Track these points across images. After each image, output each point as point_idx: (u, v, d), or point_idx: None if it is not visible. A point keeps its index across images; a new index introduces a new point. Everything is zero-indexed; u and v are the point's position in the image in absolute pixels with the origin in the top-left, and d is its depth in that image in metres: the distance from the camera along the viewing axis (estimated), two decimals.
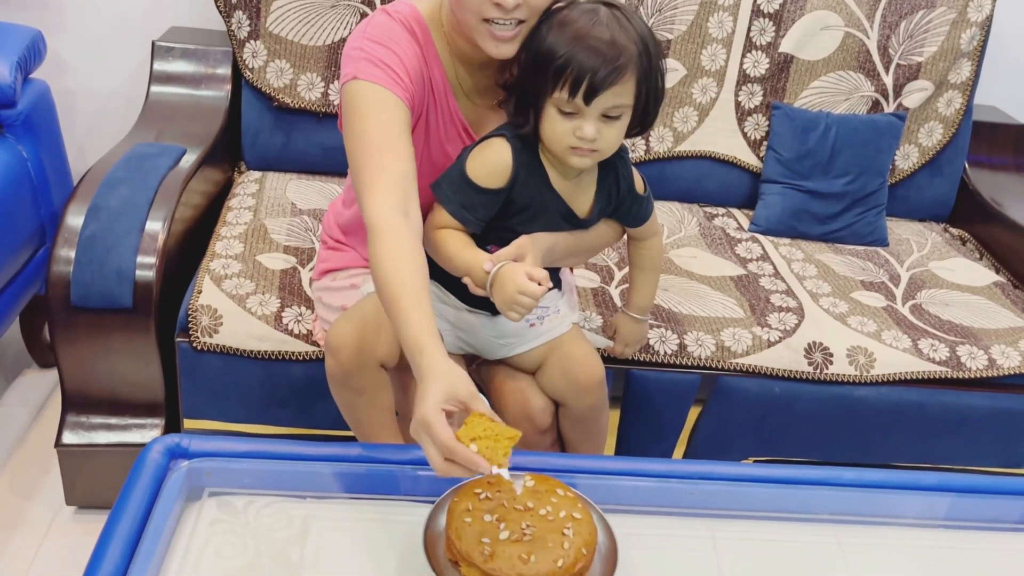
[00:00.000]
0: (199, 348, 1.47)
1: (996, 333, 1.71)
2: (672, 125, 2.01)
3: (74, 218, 1.46)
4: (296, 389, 1.52)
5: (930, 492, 1.14)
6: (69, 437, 1.51)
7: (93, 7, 2.03)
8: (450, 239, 1.15)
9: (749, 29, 1.97)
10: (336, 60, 1.88)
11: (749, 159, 2.04)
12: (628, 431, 1.65)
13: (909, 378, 1.62)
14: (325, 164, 1.95)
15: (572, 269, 1.54)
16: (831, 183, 1.97)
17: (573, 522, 0.92)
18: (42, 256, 1.80)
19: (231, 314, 1.48)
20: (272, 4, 1.83)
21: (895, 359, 1.61)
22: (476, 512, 0.92)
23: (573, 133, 1.09)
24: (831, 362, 1.59)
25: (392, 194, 1.05)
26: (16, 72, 1.69)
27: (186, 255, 1.60)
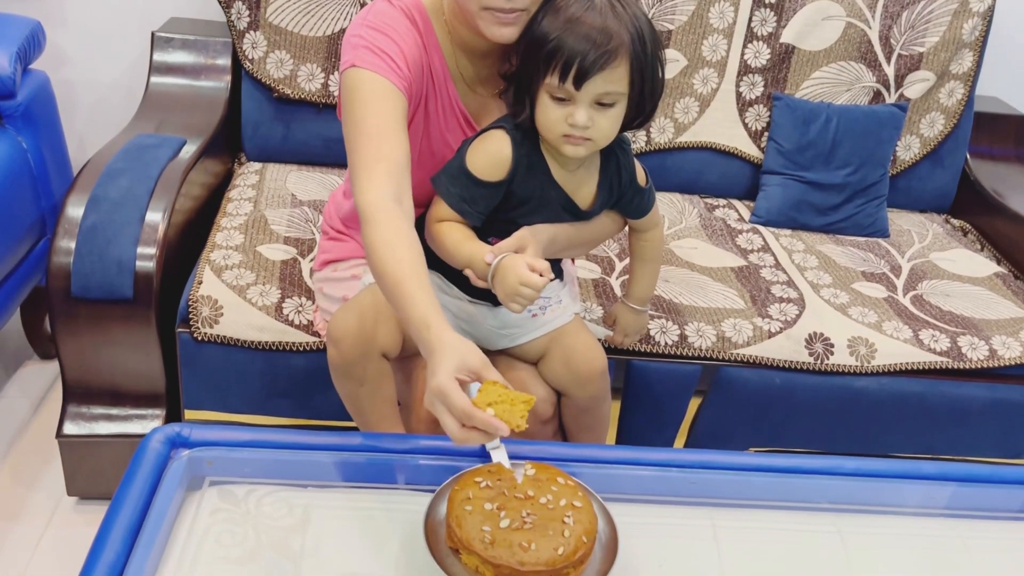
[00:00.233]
0: (200, 339, 1.47)
1: (997, 324, 1.71)
2: (673, 116, 2.01)
3: (74, 209, 1.46)
4: (297, 380, 1.52)
5: (930, 481, 1.14)
6: (70, 428, 1.51)
7: None
8: (451, 232, 1.15)
9: (750, 19, 1.97)
10: (336, 51, 1.88)
11: (750, 150, 2.04)
12: (629, 422, 1.65)
13: (910, 369, 1.62)
14: (325, 155, 1.94)
15: (574, 260, 1.54)
16: (832, 174, 1.97)
17: (574, 510, 0.92)
18: (42, 247, 1.80)
19: (232, 305, 1.48)
20: None
21: (896, 350, 1.61)
22: (477, 500, 0.92)
23: (565, 120, 1.08)
24: (832, 353, 1.59)
25: (385, 182, 1.05)
26: (16, 63, 1.68)
27: (186, 246, 1.60)
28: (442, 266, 1.20)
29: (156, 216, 1.48)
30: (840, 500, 1.10)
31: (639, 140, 2.01)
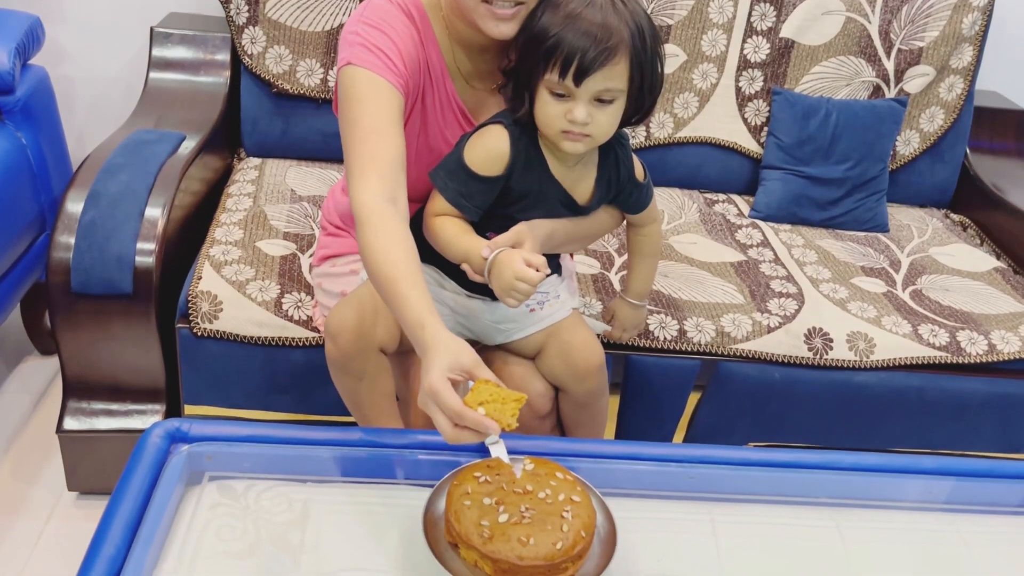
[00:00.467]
0: (199, 334, 1.47)
1: (996, 318, 1.71)
2: (672, 111, 2.01)
3: (73, 204, 1.46)
4: (296, 375, 1.52)
5: (929, 476, 1.15)
6: (70, 423, 1.51)
7: None
8: (448, 226, 1.15)
9: (750, 14, 1.96)
10: (335, 46, 1.87)
11: (750, 145, 2.04)
12: (628, 417, 1.65)
13: (909, 363, 1.62)
14: (324, 150, 1.94)
15: (572, 255, 1.54)
16: (832, 169, 1.96)
17: (572, 505, 0.92)
18: (42, 243, 1.80)
19: (231, 300, 1.48)
20: None
21: (895, 344, 1.62)
22: (475, 495, 0.92)
23: (564, 116, 1.08)
24: (831, 347, 1.60)
25: (380, 182, 1.06)
26: (15, 58, 1.68)
27: (186, 242, 1.60)
28: (439, 260, 1.20)
29: (155, 211, 1.48)
30: (838, 495, 1.10)
31: (638, 135, 2.01)
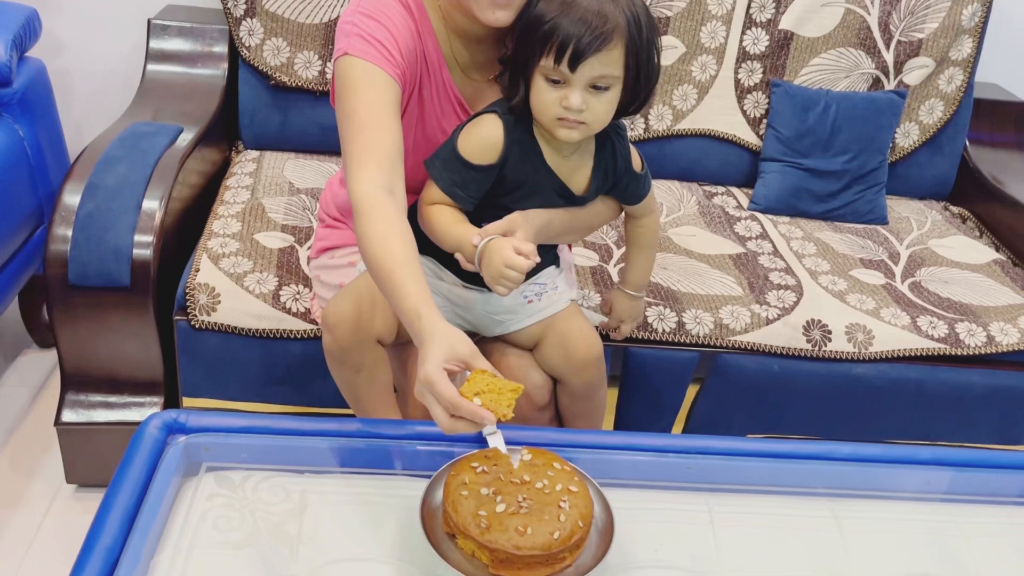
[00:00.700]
0: (197, 326, 1.47)
1: (995, 310, 1.71)
2: (671, 103, 2.00)
3: (71, 197, 1.46)
4: (294, 367, 1.52)
5: (926, 466, 1.15)
6: (68, 415, 1.51)
7: None
8: (442, 215, 1.15)
9: (749, 6, 1.96)
10: (333, 38, 1.86)
11: (749, 137, 2.03)
12: (627, 409, 1.65)
13: (908, 355, 1.62)
14: (322, 143, 1.94)
15: (571, 247, 1.53)
16: (831, 161, 1.96)
17: (569, 495, 0.92)
18: (40, 236, 1.80)
19: (229, 292, 1.48)
20: None
21: (894, 336, 1.61)
22: (473, 485, 0.92)
23: (559, 103, 1.08)
24: (829, 339, 1.59)
25: (377, 173, 1.05)
26: (11, 50, 1.68)
27: (183, 234, 1.60)
28: (436, 251, 1.20)
29: (153, 204, 1.48)
30: (836, 485, 1.10)
31: (637, 127, 2.00)
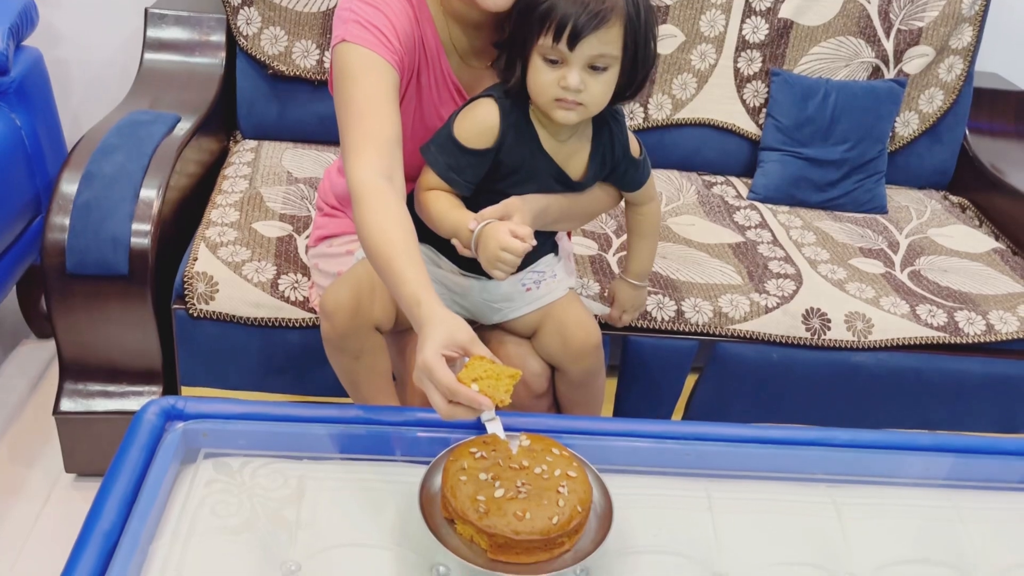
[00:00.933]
0: (195, 315, 1.47)
1: (994, 299, 1.70)
2: (671, 92, 2.00)
3: (68, 185, 1.45)
4: (293, 356, 1.52)
5: (925, 452, 1.15)
6: (67, 404, 1.51)
7: None
8: (439, 201, 1.15)
9: None
10: (331, 27, 1.85)
11: (748, 126, 2.03)
12: (626, 398, 1.65)
13: (907, 344, 1.61)
14: (321, 132, 1.93)
15: (570, 235, 1.53)
16: (830, 150, 1.96)
17: (568, 480, 0.92)
18: (37, 225, 1.79)
19: (227, 281, 1.47)
20: None
21: (893, 325, 1.61)
22: (471, 471, 0.92)
23: (558, 83, 1.08)
24: (829, 328, 1.59)
25: (376, 160, 1.05)
26: (8, 39, 1.67)
27: (182, 223, 1.60)
28: (434, 239, 1.19)
29: (151, 192, 1.47)
30: (835, 471, 1.10)
31: (637, 116, 2.00)
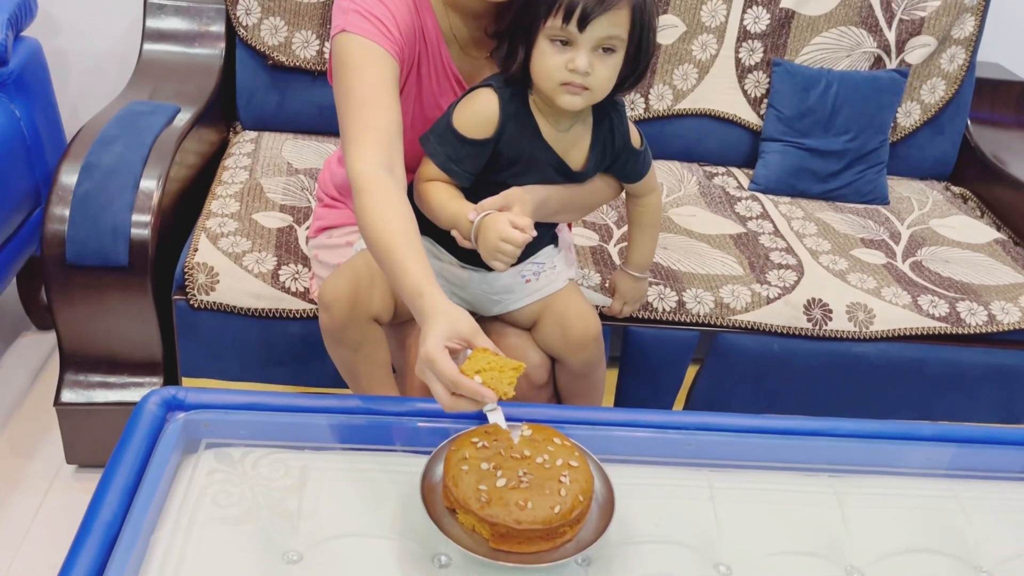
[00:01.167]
0: (196, 306, 1.47)
1: (996, 289, 1.70)
2: (671, 83, 1.99)
3: (68, 176, 1.45)
4: (293, 347, 1.51)
5: (927, 442, 1.14)
6: (68, 396, 1.51)
7: None
8: (438, 191, 1.14)
9: None
10: (331, 17, 1.84)
11: (749, 117, 2.02)
12: (627, 389, 1.65)
13: (908, 334, 1.61)
14: (321, 123, 1.93)
15: (571, 226, 1.53)
16: (832, 141, 1.95)
17: (570, 470, 0.92)
18: (37, 216, 1.79)
19: (227, 272, 1.47)
20: None
21: (895, 315, 1.61)
22: (473, 460, 0.92)
23: (565, 66, 1.07)
24: (830, 318, 1.59)
25: (376, 151, 1.05)
26: (7, 30, 1.66)
27: (182, 214, 1.59)
28: (433, 231, 1.19)
29: (150, 183, 1.47)
30: (837, 461, 1.10)
31: (638, 107, 1.99)
